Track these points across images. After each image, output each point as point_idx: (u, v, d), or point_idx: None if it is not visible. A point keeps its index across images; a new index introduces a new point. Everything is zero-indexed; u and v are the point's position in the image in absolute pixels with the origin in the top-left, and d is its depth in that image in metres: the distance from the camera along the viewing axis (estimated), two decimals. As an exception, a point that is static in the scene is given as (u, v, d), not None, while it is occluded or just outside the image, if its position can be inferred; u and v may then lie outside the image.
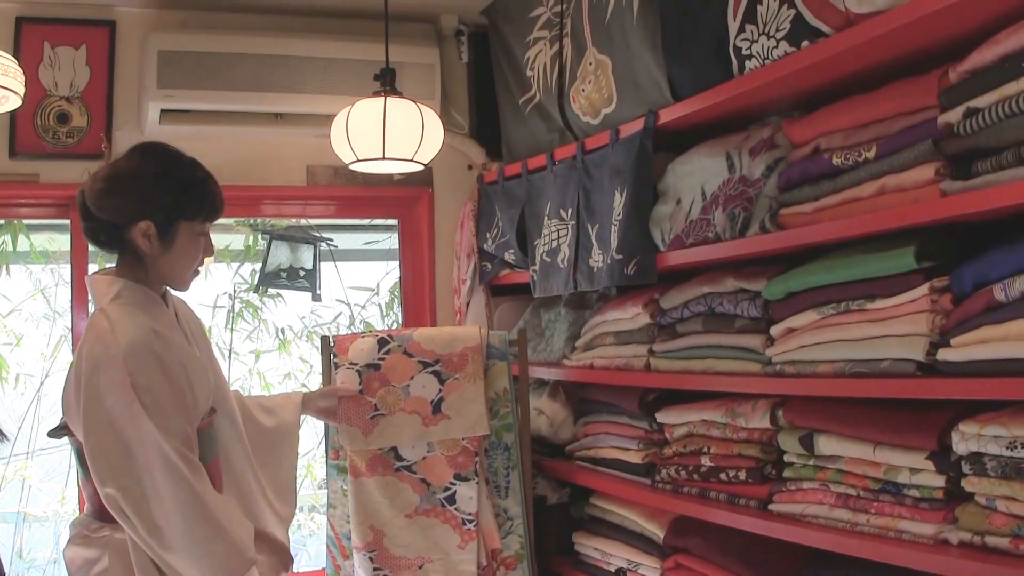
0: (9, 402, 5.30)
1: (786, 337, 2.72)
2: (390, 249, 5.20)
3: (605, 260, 3.32)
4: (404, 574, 3.47)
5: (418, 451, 3.49)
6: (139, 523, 2.66)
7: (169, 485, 2.65)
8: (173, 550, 2.68)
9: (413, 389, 3.50)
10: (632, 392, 3.42)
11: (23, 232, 4.88)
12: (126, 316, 2.75)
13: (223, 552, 2.72)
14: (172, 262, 2.87)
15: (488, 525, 3.50)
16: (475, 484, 3.46)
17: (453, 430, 3.46)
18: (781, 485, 2.78)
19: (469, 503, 3.46)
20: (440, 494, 3.47)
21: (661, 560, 3.29)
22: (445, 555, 3.46)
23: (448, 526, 3.47)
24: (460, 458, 3.47)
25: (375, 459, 3.48)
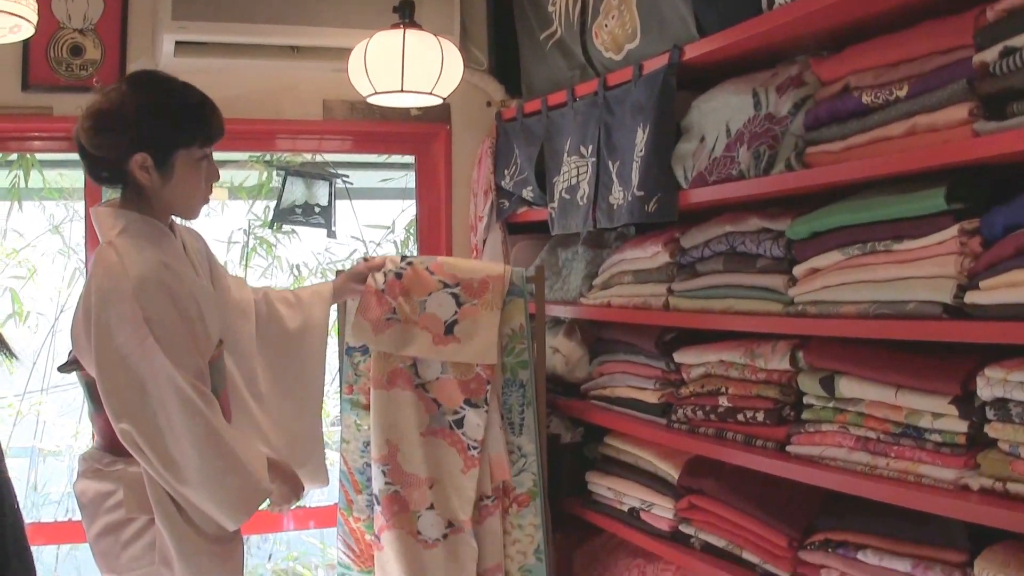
0: (23, 338, 5.29)
1: (809, 277, 2.68)
2: (406, 188, 5.17)
3: (626, 197, 3.27)
4: (413, 491, 3.45)
5: (433, 371, 3.46)
6: (154, 457, 2.65)
7: (183, 419, 2.64)
8: (188, 483, 2.68)
9: (429, 305, 3.47)
10: (649, 332, 3.38)
11: (36, 167, 4.83)
12: (135, 249, 2.72)
13: (238, 485, 2.73)
14: (174, 192, 2.83)
15: (499, 457, 3.47)
16: (484, 412, 3.43)
17: (461, 354, 3.43)
18: (799, 427, 2.75)
19: (476, 430, 3.43)
20: (449, 416, 3.45)
21: (675, 501, 3.27)
22: (450, 477, 3.45)
23: (454, 449, 3.45)
24: (472, 384, 3.43)
25: (396, 372, 3.46)
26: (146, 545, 2.80)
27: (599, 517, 3.68)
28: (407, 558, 3.45)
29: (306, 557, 5.83)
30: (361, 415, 3.54)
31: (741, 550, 2.99)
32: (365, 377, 3.55)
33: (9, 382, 5.36)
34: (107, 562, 2.87)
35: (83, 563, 5.40)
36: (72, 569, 5.48)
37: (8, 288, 5.15)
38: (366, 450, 3.56)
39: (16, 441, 5.41)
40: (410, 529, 3.45)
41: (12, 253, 5.26)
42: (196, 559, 2.74)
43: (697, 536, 3.18)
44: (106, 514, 2.84)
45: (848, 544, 2.60)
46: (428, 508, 3.45)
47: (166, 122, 2.76)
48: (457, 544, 3.45)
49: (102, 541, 2.86)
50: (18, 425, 5.40)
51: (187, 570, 2.73)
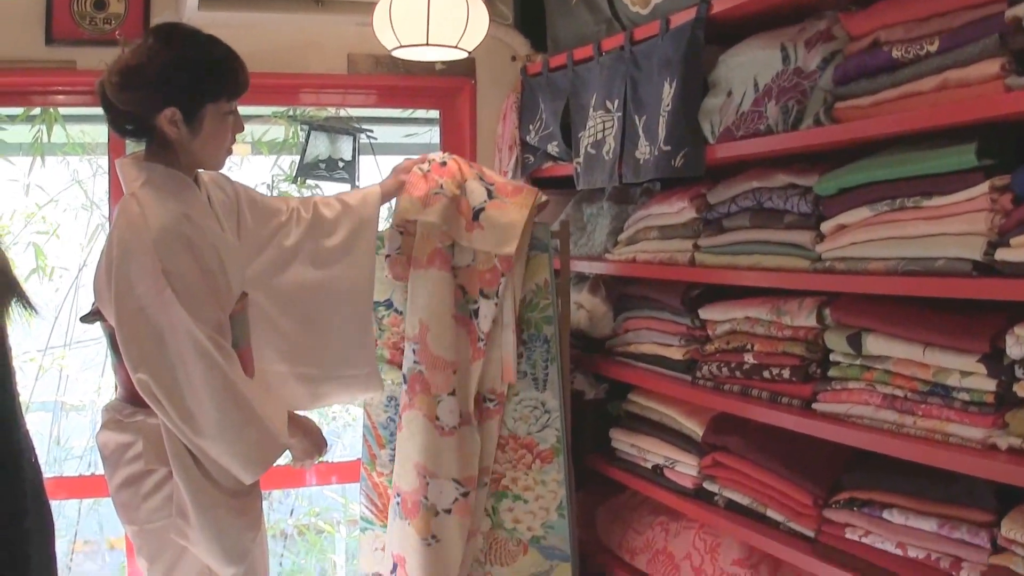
0: (47, 293, 5.31)
1: (837, 234, 2.66)
2: (430, 144, 5.15)
3: (652, 152, 3.25)
4: (437, 375, 3.43)
5: (464, 257, 3.46)
6: (171, 409, 2.67)
7: (201, 372, 2.66)
8: (205, 436, 2.70)
9: (467, 189, 3.49)
10: (675, 288, 3.37)
11: (59, 122, 4.83)
12: (157, 201, 2.72)
13: (255, 438, 2.74)
14: (202, 145, 2.84)
15: (506, 357, 3.47)
16: (493, 305, 3.42)
17: (481, 241, 3.43)
18: (826, 384, 2.74)
19: (484, 321, 3.44)
20: (470, 305, 3.46)
21: (699, 458, 3.28)
22: (467, 365, 3.46)
23: (469, 338, 3.47)
24: (488, 275, 3.43)
25: (435, 253, 3.44)
26: (165, 497, 2.82)
27: (622, 474, 3.68)
28: (423, 440, 3.45)
29: (328, 513, 5.86)
30: (385, 369, 3.54)
31: (765, 508, 2.99)
32: (389, 331, 3.55)
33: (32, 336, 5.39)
34: (127, 514, 2.89)
35: (105, 518, 5.45)
36: (94, 523, 5.53)
37: (32, 243, 5.16)
38: (389, 404, 3.56)
39: (39, 396, 5.44)
40: (428, 413, 3.44)
41: (35, 209, 5.27)
42: (212, 512, 2.76)
43: (721, 494, 3.18)
44: (126, 465, 2.86)
45: (874, 503, 2.60)
46: (450, 394, 3.44)
47: (194, 77, 2.76)
48: (466, 436, 3.46)
49: (123, 492, 2.88)
50: (41, 380, 5.43)
51: (203, 522, 2.75)
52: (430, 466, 3.44)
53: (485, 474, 3.51)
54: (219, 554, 2.80)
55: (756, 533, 2.97)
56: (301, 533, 5.74)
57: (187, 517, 2.77)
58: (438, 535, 3.46)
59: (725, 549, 3.25)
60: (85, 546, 5.56)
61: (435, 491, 3.45)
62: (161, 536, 2.86)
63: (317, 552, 5.73)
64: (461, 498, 3.45)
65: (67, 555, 5.44)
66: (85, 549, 5.56)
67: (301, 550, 5.73)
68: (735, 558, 3.19)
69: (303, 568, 5.68)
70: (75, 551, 5.49)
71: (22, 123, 4.77)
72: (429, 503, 3.45)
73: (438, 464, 3.45)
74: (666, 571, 3.45)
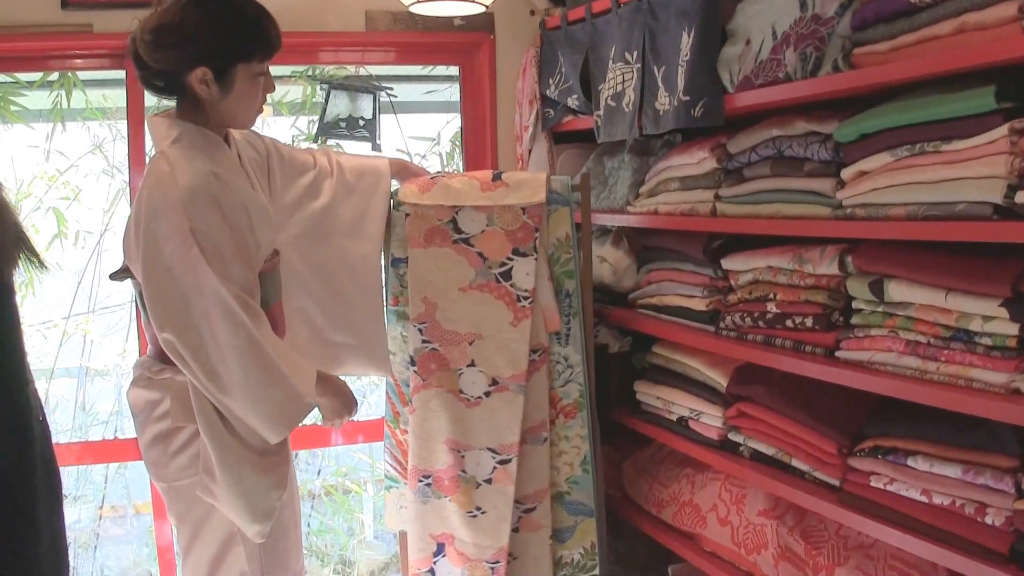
0: (69, 258, 5.34)
1: (857, 180, 2.65)
2: (450, 101, 5.15)
3: (671, 102, 3.25)
4: (453, 349, 3.47)
5: (477, 224, 3.46)
6: (197, 368, 2.71)
7: (227, 331, 2.68)
8: (231, 395, 2.73)
9: (476, 174, 3.52)
10: (697, 238, 3.37)
11: (78, 87, 4.84)
12: (186, 160, 2.75)
13: (281, 398, 2.77)
14: (233, 105, 2.86)
15: (549, 306, 3.47)
16: (533, 260, 3.42)
17: (510, 196, 3.44)
18: (848, 332, 2.74)
19: (526, 279, 3.43)
20: (496, 269, 3.45)
21: (724, 409, 3.29)
22: (496, 332, 3.46)
23: (502, 302, 3.46)
24: (520, 233, 3.43)
25: (432, 230, 3.47)
26: (193, 455, 2.85)
27: (647, 427, 3.70)
28: (449, 416, 3.48)
29: (355, 472, 5.89)
30: (407, 327, 3.56)
31: (790, 458, 3.00)
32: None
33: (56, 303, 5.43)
34: (157, 471, 2.93)
35: (132, 482, 5.48)
36: (121, 488, 5.57)
37: (53, 208, 5.18)
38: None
39: (63, 362, 5.47)
40: (451, 387, 3.48)
41: (56, 174, 5.29)
42: (238, 469, 2.80)
43: (746, 444, 3.20)
44: (155, 423, 2.90)
45: (898, 450, 2.61)
46: (469, 365, 3.47)
47: (226, 37, 2.78)
48: (502, 401, 3.47)
49: (152, 450, 2.92)
50: (65, 345, 5.47)
51: (229, 480, 2.79)
52: (462, 439, 3.48)
53: (542, 429, 3.52)
54: (244, 512, 2.83)
55: (781, 483, 2.98)
56: (328, 493, 5.78)
57: (213, 475, 2.80)
58: (482, 506, 3.50)
59: (751, 500, 3.27)
60: (112, 511, 5.61)
61: (472, 463, 3.49)
62: (189, 494, 2.89)
63: (345, 512, 5.77)
64: (500, 466, 3.48)
65: (94, 520, 5.49)
66: (112, 514, 5.61)
67: (329, 510, 5.77)
68: (761, 508, 3.21)
69: (331, 528, 5.71)
70: (102, 516, 5.54)
71: (41, 88, 4.78)
72: (468, 476, 3.49)
73: (470, 436, 3.48)
74: (692, 523, 3.47)
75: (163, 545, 4.45)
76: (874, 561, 2.80)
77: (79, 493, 5.44)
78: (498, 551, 3.50)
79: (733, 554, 3.29)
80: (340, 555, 5.49)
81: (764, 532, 3.15)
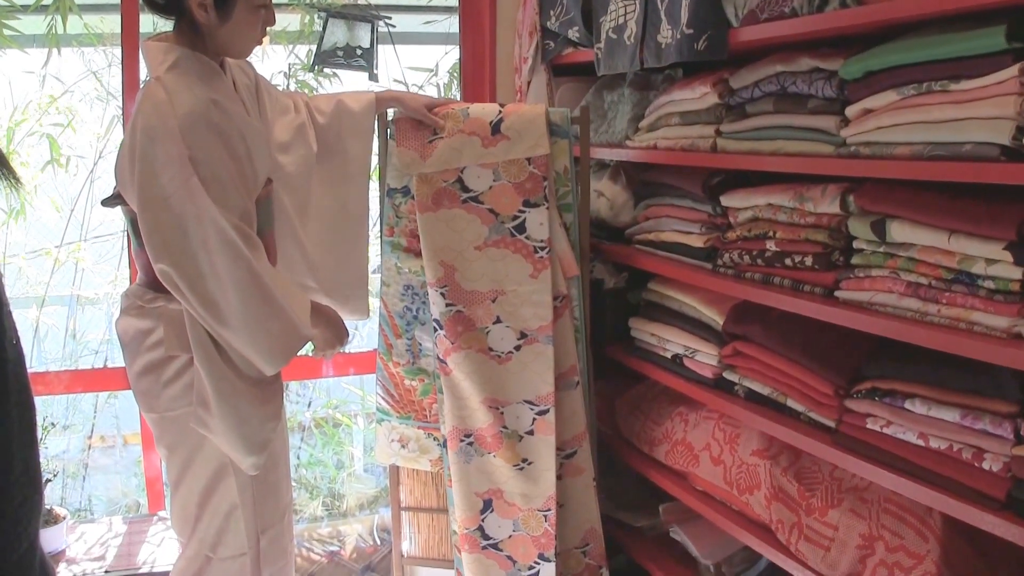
0: (62, 185, 5.32)
1: (862, 118, 2.62)
2: (449, 33, 5.10)
3: (674, 35, 3.21)
4: (476, 308, 3.47)
5: (484, 180, 3.44)
6: (194, 299, 2.69)
7: (226, 262, 2.67)
8: (228, 326, 2.72)
9: (472, 111, 3.47)
10: (696, 174, 3.34)
11: (75, 11, 4.78)
12: (183, 86, 2.71)
13: (279, 330, 2.76)
14: (230, 34, 2.82)
15: (564, 253, 3.46)
16: (545, 210, 3.41)
17: (513, 150, 3.41)
18: (849, 272, 2.72)
19: (540, 229, 3.42)
20: (509, 223, 3.44)
21: (719, 347, 3.28)
22: (517, 286, 3.44)
23: (519, 256, 3.44)
24: (528, 184, 3.41)
25: (440, 192, 3.45)
26: (186, 385, 2.84)
27: (642, 364, 3.69)
28: (482, 375, 3.48)
29: (346, 405, 5.90)
30: (402, 258, 3.54)
31: (786, 398, 2.99)
32: (407, 219, 3.54)
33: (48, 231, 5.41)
34: (147, 401, 2.92)
35: (122, 411, 5.49)
36: (110, 418, 5.58)
37: (46, 135, 5.14)
38: (406, 293, 3.57)
39: (54, 290, 5.46)
40: (480, 346, 3.48)
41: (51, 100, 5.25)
42: (233, 400, 2.80)
43: (741, 383, 3.19)
44: (147, 352, 2.88)
45: (896, 393, 2.59)
46: (495, 322, 3.47)
47: None
48: (532, 354, 3.47)
49: (143, 380, 2.90)
50: (56, 273, 5.45)
51: (224, 411, 2.79)
52: (499, 396, 3.49)
53: (572, 373, 3.52)
54: (239, 444, 2.83)
55: (776, 423, 2.97)
56: (318, 425, 5.78)
57: (208, 406, 2.80)
58: (528, 457, 3.51)
59: (744, 440, 3.26)
60: (101, 441, 5.62)
61: (511, 418, 3.50)
62: (181, 425, 2.89)
63: (335, 444, 5.78)
64: (539, 417, 3.48)
65: (83, 450, 5.51)
66: (101, 444, 5.62)
67: (319, 442, 5.78)
68: (754, 448, 3.20)
69: (320, 460, 5.73)
70: (91, 446, 5.55)
71: (36, 12, 4.73)
72: (510, 430, 3.50)
73: (506, 391, 3.49)
74: (685, 462, 3.47)
75: (151, 476, 4.47)
76: (868, 504, 2.79)
77: (68, 422, 5.45)
78: (547, 499, 3.53)
79: (725, 494, 3.29)
80: (329, 488, 5.50)
81: (757, 472, 3.14)
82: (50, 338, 5.45)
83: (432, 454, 3.71)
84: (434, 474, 3.83)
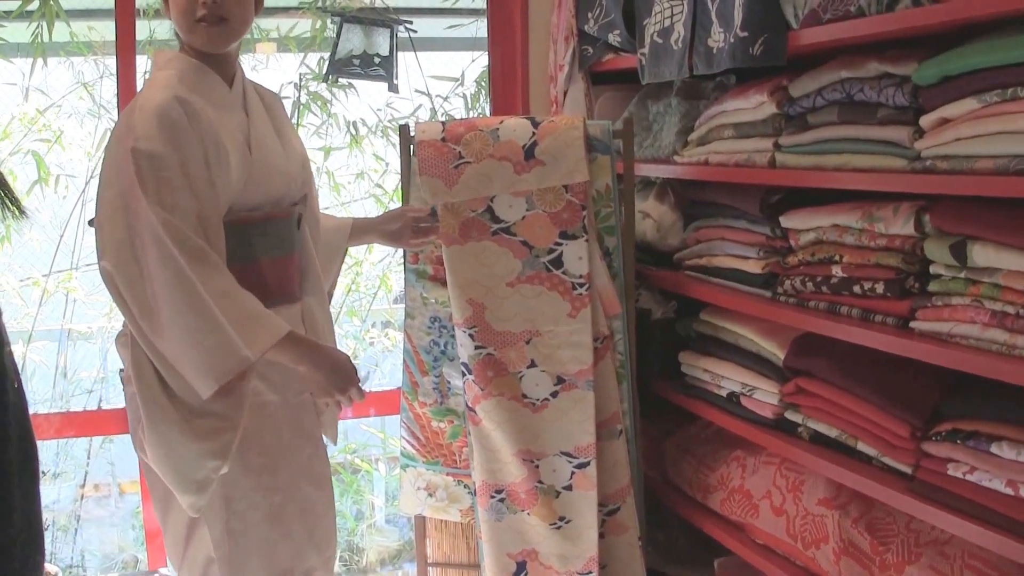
0: (51, 206, 5.33)
1: (939, 129, 2.59)
2: (476, 38, 5.12)
3: (727, 39, 3.20)
4: (509, 351, 3.45)
5: (517, 210, 3.42)
6: (132, 303, 2.74)
7: (156, 262, 2.70)
8: (163, 336, 2.74)
9: (503, 132, 3.44)
10: (753, 192, 3.33)
11: (61, 17, 4.81)
12: (160, 84, 2.82)
13: (211, 344, 2.74)
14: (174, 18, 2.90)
15: (606, 289, 3.45)
16: (584, 242, 3.39)
17: (549, 177, 3.39)
18: (925, 300, 2.69)
19: (579, 264, 3.40)
20: (544, 257, 3.42)
21: (780, 384, 3.25)
22: (554, 326, 3.43)
23: (556, 293, 3.43)
24: (565, 214, 3.40)
25: (468, 223, 3.44)
26: None
27: (693, 402, 3.67)
28: (514, 425, 3.47)
29: (365, 449, 5.91)
30: (427, 287, 3.54)
31: (856, 440, 2.96)
32: (432, 244, 3.53)
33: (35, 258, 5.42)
34: (133, 438, 3.01)
35: (117, 457, 5.50)
36: (105, 463, 5.58)
37: (31, 152, 5.16)
38: (433, 326, 3.56)
39: (43, 323, 5.48)
40: (513, 393, 3.47)
41: (36, 115, 5.27)
42: (163, 427, 2.82)
43: (805, 424, 3.16)
44: (125, 385, 2.98)
45: (980, 435, 2.56)
46: (529, 366, 3.45)
47: None
48: (570, 401, 3.45)
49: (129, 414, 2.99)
50: (45, 304, 5.46)
51: (154, 440, 2.84)
52: (534, 448, 3.48)
53: (615, 421, 3.51)
54: (172, 478, 2.86)
55: (845, 469, 2.94)
56: (336, 472, 5.77)
57: (145, 431, 2.85)
58: (566, 515, 3.50)
59: (809, 487, 3.23)
60: (95, 490, 5.63)
61: (547, 471, 3.49)
62: None
63: (353, 493, 5.78)
64: (578, 470, 3.47)
65: (75, 500, 5.52)
66: (95, 494, 5.63)
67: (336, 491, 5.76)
68: (821, 497, 3.17)
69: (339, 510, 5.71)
70: (84, 495, 5.56)
71: (20, 19, 4.75)
72: (546, 485, 3.49)
73: (541, 443, 3.48)
74: (742, 512, 3.44)
75: (151, 528, 4.46)
76: (949, 560, 2.76)
77: (59, 470, 5.47)
78: (588, 561, 3.51)
79: (788, 547, 3.26)
80: (348, 541, 5.50)
81: (824, 524, 3.11)
82: (38, 376, 5.46)
83: (462, 503, 3.70)
84: (464, 525, 3.81)
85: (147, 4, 4.73)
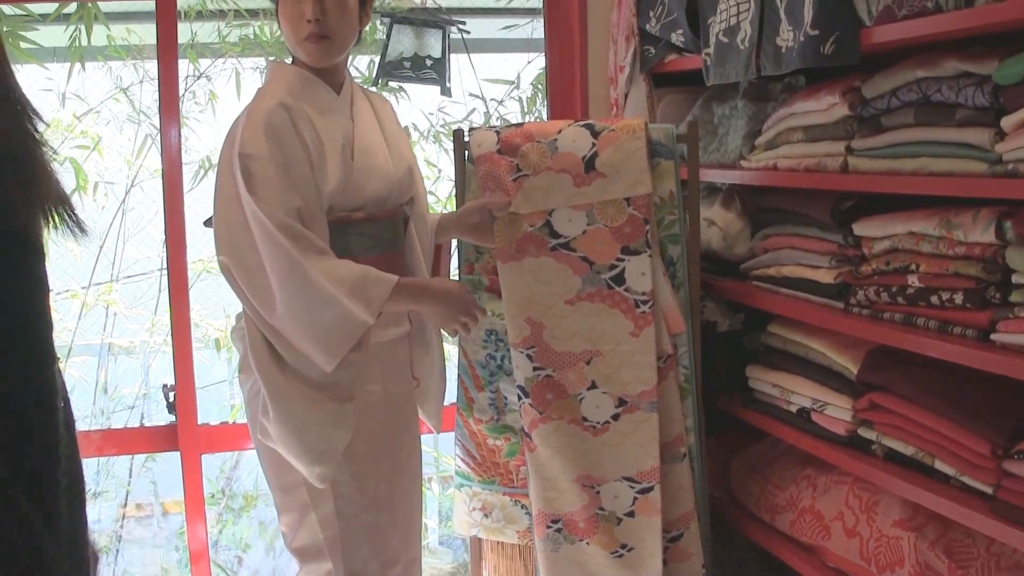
0: (89, 215, 5.35)
1: (1021, 130, 2.58)
2: (531, 39, 5.13)
3: (796, 38, 3.20)
4: (568, 372, 3.46)
5: (576, 224, 3.43)
6: (250, 292, 3.01)
7: (268, 253, 2.98)
8: (282, 319, 3.00)
9: (561, 143, 3.45)
10: (824, 199, 3.32)
11: (100, 20, 4.85)
12: (268, 93, 3.12)
13: (331, 319, 2.98)
14: (284, 33, 3.18)
15: (669, 307, 3.46)
16: (647, 258, 3.40)
17: (610, 190, 3.40)
18: (1006, 311, 2.67)
19: (641, 280, 3.41)
20: (605, 273, 3.43)
21: (853, 399, 3.24)
22: (616, 345, 3.43)
23: (618, 311, 3.43)
24: (627, 228, 3.40)
25: (525, 238, 3.46)
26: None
27: (761, 418, 3.67)
28: (574, 450, 3.48)
29: (418, 468, 5.90)
30: (484, 298, 3.55)
31: (933, 458, 2.95)
32: (488, 254, 3.55)
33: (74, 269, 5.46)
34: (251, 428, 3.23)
35: (160, 475, 5.52)
36: (148, 482, 5.61)
37: (69, 159, 5.20)
38: (489, 339, 3.58)
39: (82, 337, 5.51)
40: (573, 417, 3.47)
41: (73, 121, 5.32)
42: (289, 403, 3.03)
43: (879, 441, 3.15)
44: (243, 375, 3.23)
45: (1064, 452, 2.56)
46: (590, 388, 3.46)
47: None
48: (632, 423, 3.46)
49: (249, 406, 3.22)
50: (84, 318, 5.50)
51: (279, 416, 3.03)
52: (594, 473, 3.49)
53: (679, 444, 3.52)
54: (298, 451, 3.04)
55: (921, 488, 2.93)
56: (387, 492, 5.79)
57: (267, 412, 3.04)
58: (628, 542, 3.50)
59: (884, 508, 3.22)
60: (137, 510, 5.67)
61: (608, 498, 3.50)
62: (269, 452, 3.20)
63: (406, 513, 5.78)
64: (640, 496, 3.47)
65: (116, 520, 5.55)
66: (136, 514, 5.67)
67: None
68: (896, 518, 3.16)
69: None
70: (125, 516, 5.59)
71: (56, 22, 4.79)
72: (607, 512, 3.49)
73: (602, 468, 3.49)
74: (813, 533, 3.44)
75: (196, 549, 4.48)
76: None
77: (99, 489, 5.50)
78: None
79: (862, 571, 3.25)
80: (400, 563, 5.50)
81: (900, 546, 3.10)
82: (78, 392, 5.47)
83: (520, 524, 3.71)
84: (522, 547, 3.82)
85: (188, 6, 4.78)
